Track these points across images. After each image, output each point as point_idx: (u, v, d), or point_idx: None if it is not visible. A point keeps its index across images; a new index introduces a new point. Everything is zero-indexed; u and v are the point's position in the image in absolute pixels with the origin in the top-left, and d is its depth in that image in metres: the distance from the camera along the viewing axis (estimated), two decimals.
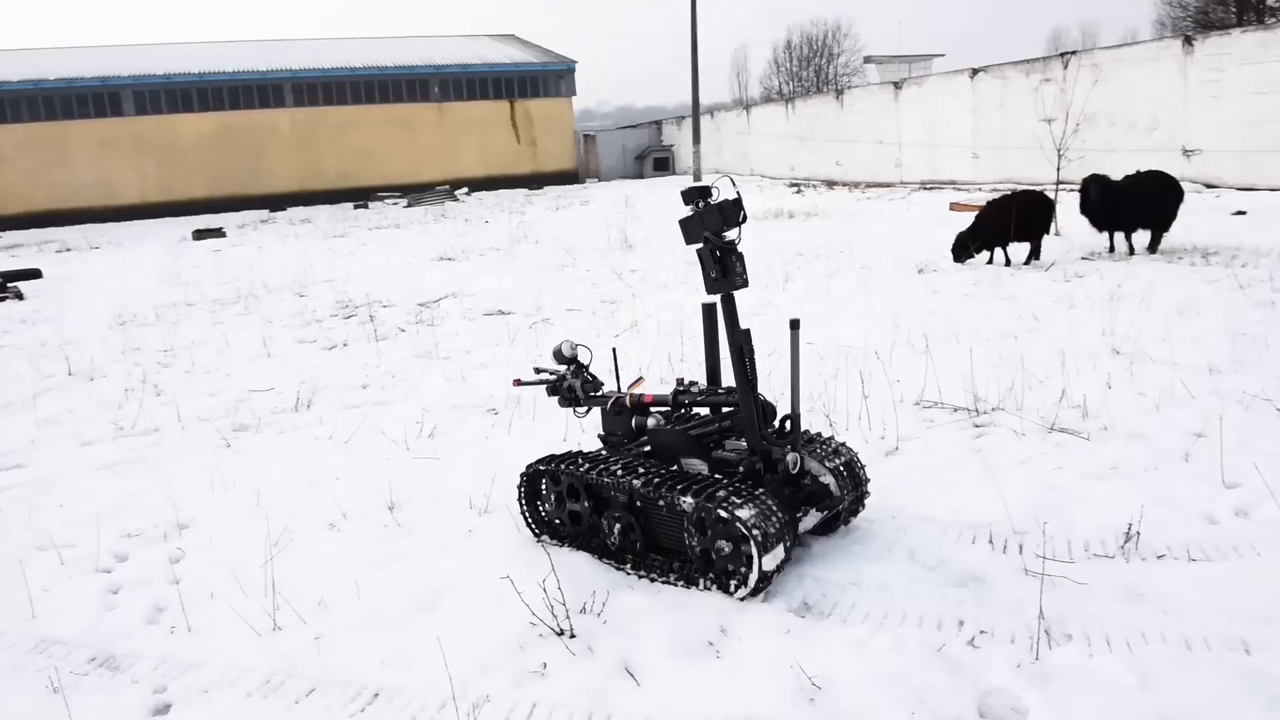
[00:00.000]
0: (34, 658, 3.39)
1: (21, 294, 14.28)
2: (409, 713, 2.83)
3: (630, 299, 9.56)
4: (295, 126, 41.87)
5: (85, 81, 39.13)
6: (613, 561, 3.67)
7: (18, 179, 38.46)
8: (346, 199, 39.29)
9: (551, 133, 45.89)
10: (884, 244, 12.67)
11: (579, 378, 4.15)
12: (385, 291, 11.59)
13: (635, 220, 19.28)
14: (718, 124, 39.43)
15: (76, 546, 4.27)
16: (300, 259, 16.47)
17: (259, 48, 46.37)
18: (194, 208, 39.30)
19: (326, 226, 25.22)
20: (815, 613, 3.25)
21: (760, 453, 3.54)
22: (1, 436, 6.22)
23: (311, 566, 3.85)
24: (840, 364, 6.22)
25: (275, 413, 6.32)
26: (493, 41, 51.14)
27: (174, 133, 40.32)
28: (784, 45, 61.55)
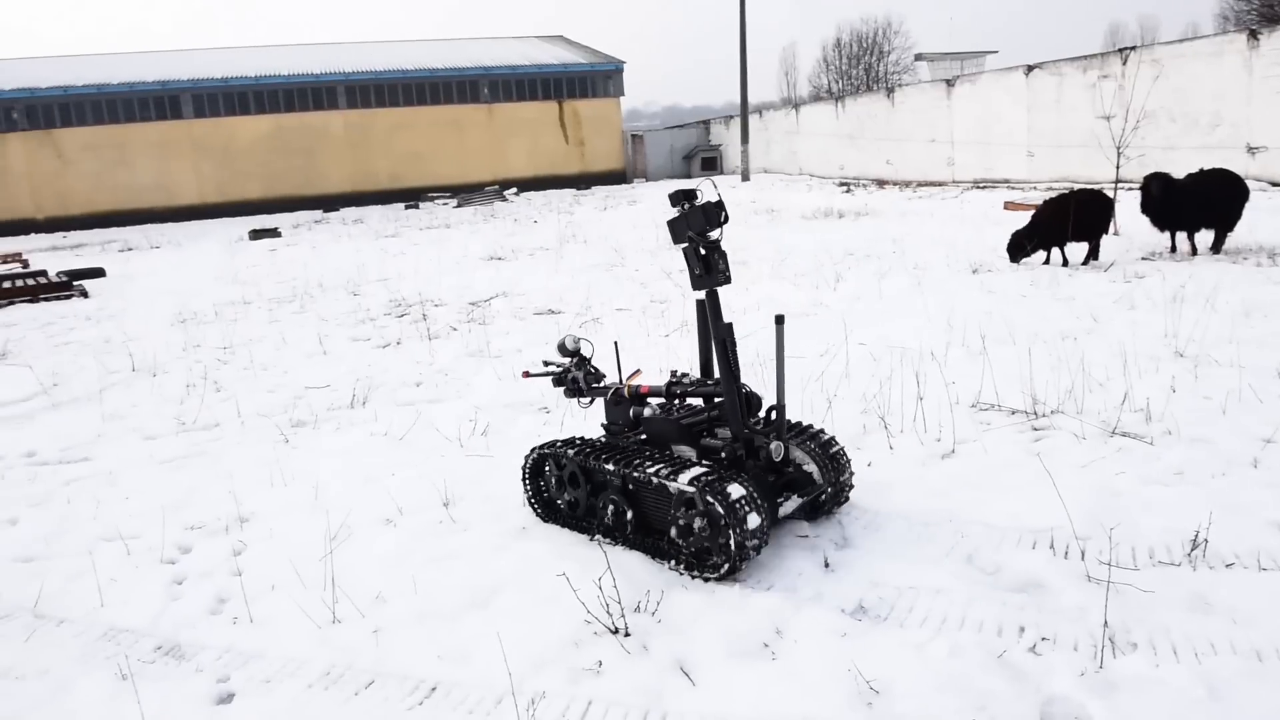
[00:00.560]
0: (103, 645, 3.48)
1: (86, 292, 14.70)
2: (466, 707, 2.86)
3: (680, 299, 9.55)
4: (348, 128, 42.55)
5: (146, 86, 40.18)
6: (609, 540, 3.87)
7: (82, 181, 39.63)
8: (397, 199, 39.83)
9: (599, 133, 46.04)
10: (936, 244, 12.50)
11: (582, 370, 4.39)
12: (437, 290, 11.72)
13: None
14: (766, 123, 39.22)
15: (142, 538, 4.39)
16: (353, 258, 16.72)
17: (313, 51, 47.21)
18: (250, 208, 40.15)
19: (378, 226, 25.59)
20: (872, 616, 3.21)
21: (743, 440, 3.73)
22: (69, 430, 6.41)
23: (369, 561, 3.91)
24: (894, 365, 6.15)
25: (331, 409, 6.42)
26: (541, 43, 51.46)
27: (231, 135, 41.22)
28: (833, 43, 61.14)
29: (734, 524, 3.35)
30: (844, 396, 5.64)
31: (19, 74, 41.03)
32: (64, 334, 10.74)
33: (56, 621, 3.68)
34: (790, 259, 12.00)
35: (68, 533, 4.55)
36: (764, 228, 16.88)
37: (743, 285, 10.22)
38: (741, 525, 3.36)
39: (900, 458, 4.67)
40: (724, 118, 45.52)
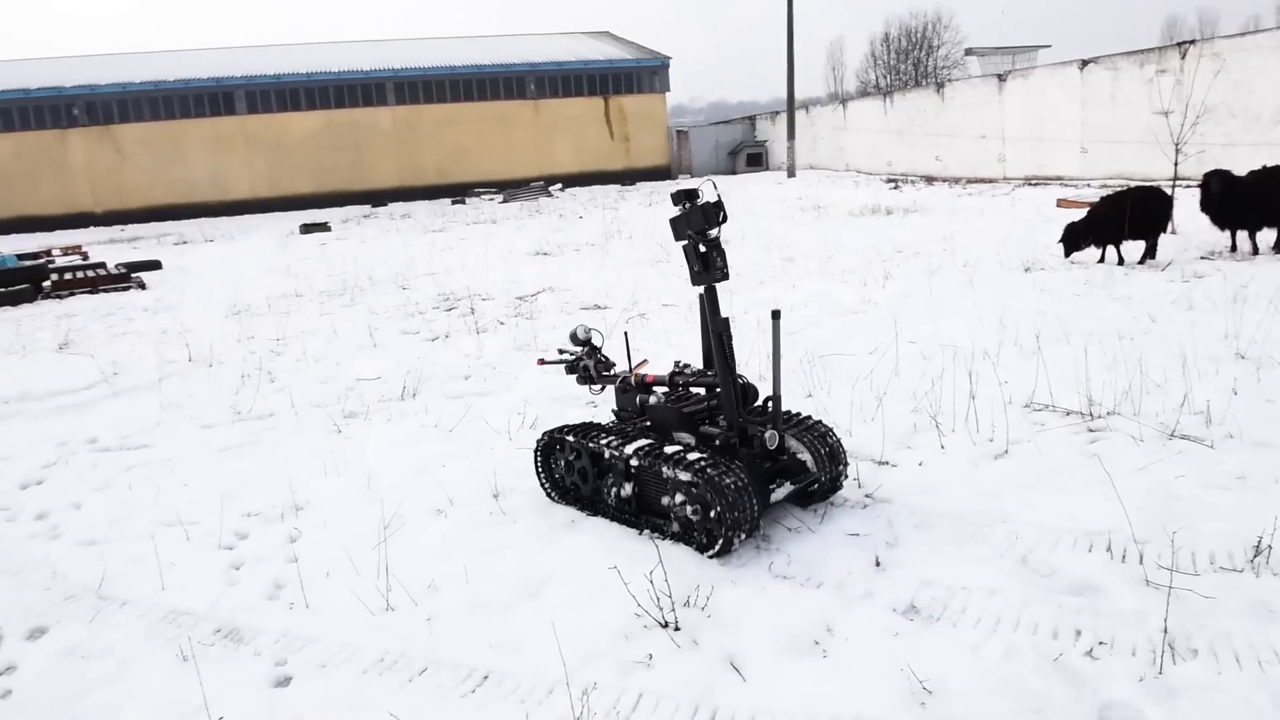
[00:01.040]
0: (164, 627, 3.58)
1: (144, 284, 15.06)
2: (518, 696, 2.89)
3: (726, 295, 9.52)
4: (396, 124, 43.02)
5: (201, 82, 40.99)
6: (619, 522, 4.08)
7: (139, 175, 40.58)
8: (444, 195, 40.19)
9: (645, 128, 46.02)
10: (987, 241, 12.31)
11: (593, 358, 4.61)
12: (484, 285, 11.82)
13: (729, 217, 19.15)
14: (813, 119, 38.92)
15: (200, 523, 4.49)
16: (402, 253, 16.92)
17: (363, 48, 47.80)
18: (300, 203, 40.80)
19: (426, 221, 25.86)
20: (924, 616, 3.19)
21: (737, 429, 3.88)
22: (129, 418, 6.58)
23: (421, 550, 3.96)
24: (945, 364, 6.08)
25: (382, 401, 6.52)
26: (588, 38, 51.56)
27: (282, 130, 41.91)
28: (881, 38, 60.46)
29: (724, 507, 3.51)
30: (894, 395, 5.59)
31: (79, 72, 42.14)
32: (123, 324, 11.02)
33: (120, 603, 3.79)
34: (838, 255, 11.90)
35: (129, 517, 4.68)
36: (811, 224, 16.76)
37: (790, 282, 10.17)
38: (731, 509, 3.51)
39: (952, 457, 4.62)
40: (770, 113, 45.25)
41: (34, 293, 14.15)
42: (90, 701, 3.09)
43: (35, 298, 14.11)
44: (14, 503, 5.05)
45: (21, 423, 6.72)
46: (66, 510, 4.88)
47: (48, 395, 7.44)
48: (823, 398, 5.68)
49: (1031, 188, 22.01)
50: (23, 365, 8.77)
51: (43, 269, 15.13)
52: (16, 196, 39.41)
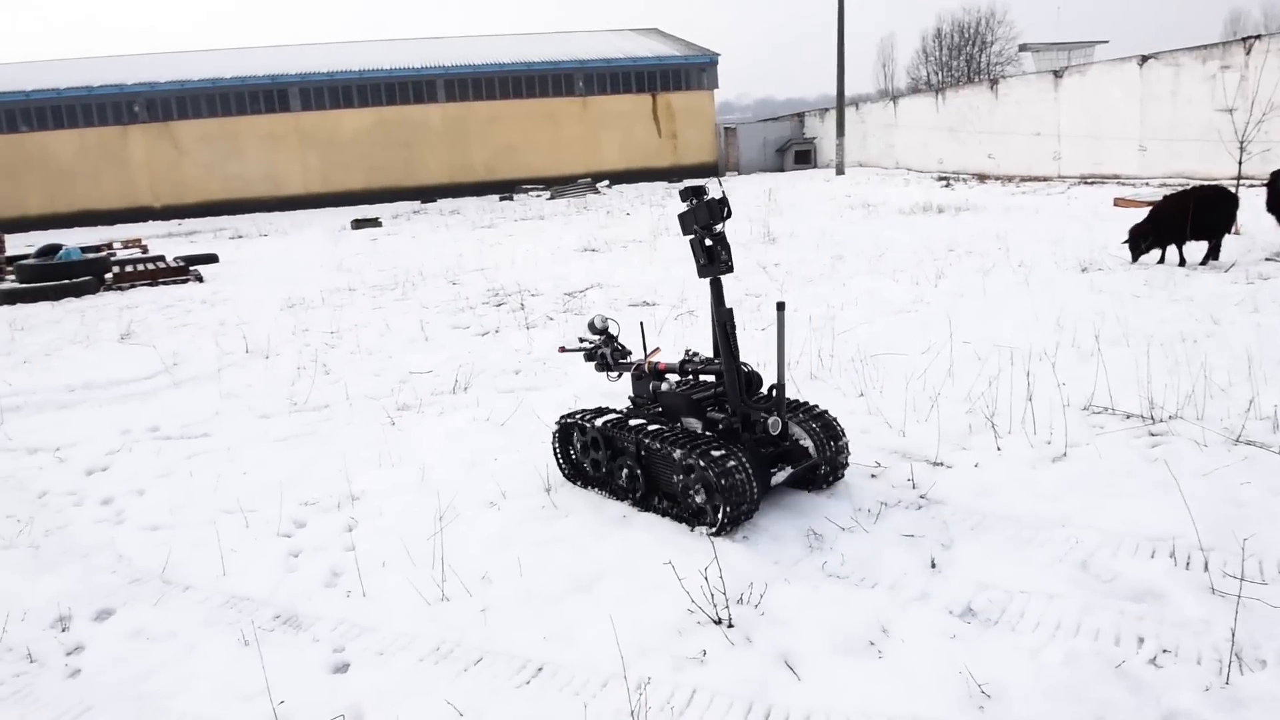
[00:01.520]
0: (225, 612, 3.66)
1: (201, 277, 15.41)
2: (572, 688, 2.91)
3: (776, 293, 9.48)
4: (446, 121, 43.46)
5: (257, 80, 41.79)
6: (627, 501, 4.29)
7: (197, 171, 41.51)
8: (492, 191, 40.55)
9: (692, 125, 45.93)
10: (1042, 240, 12.09)
11: (609, 347, 4.84)
12: (533, 281, 11.89)
13: (777, 214, 19.06)
14: (862, 116, 38.52)
15: (259, 511, 4.58)
16: (451, 248, 17.10)
17: (414, 45, 48.36)
18: (352, 198, 41.44)
19: (475, 217, 26.09)
20: (982, 619, 3.14)
21: (740, 415, 4.03)
22: (190, 407, 6.73)
23: (475, 542, 4.00)
24: (1001, 365, 5.99)
25: (435, 394, 6.59)
26: (636, 35, 51.58)
27: (335, 127, 42.56)
28: (933, 34, 59.63)
29: (724, 488, 3.69)
30: (948, 395, 5.51)
31: (140, 69, 43.21)
32: (182, 316, 11.29)
33: (182, 587, 3.88)
34: (889, 254, 11.77)
35: (191, 504, 4.79)
36: (860, 222, 16.60)
37: (840, 280, 10.09)
38: (731, 490, 3.70)
39: (1008, 459, 4.55)
40: (819, 110, 44.90)
41: (97, 285, 14.56)
42: (156, 682, 3.17)
43: (98, 289, 14.51)
44: (81, 488, 5.20)
45: (87, 410, 6.92)
46: (131, 496, 5.01)
47: (111, 384, 7.64)
48: (875, 397, 5.62)
49: (1087, 186, 21.57)
50: (87, 355, 9.04)
51: (105, 262, 15.56)
52: (79, 191, 40.55)
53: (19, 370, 8.52)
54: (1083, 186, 21.62)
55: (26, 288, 14.00)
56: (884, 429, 5.08)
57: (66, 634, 3.56)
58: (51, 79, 41.47)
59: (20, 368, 8.65)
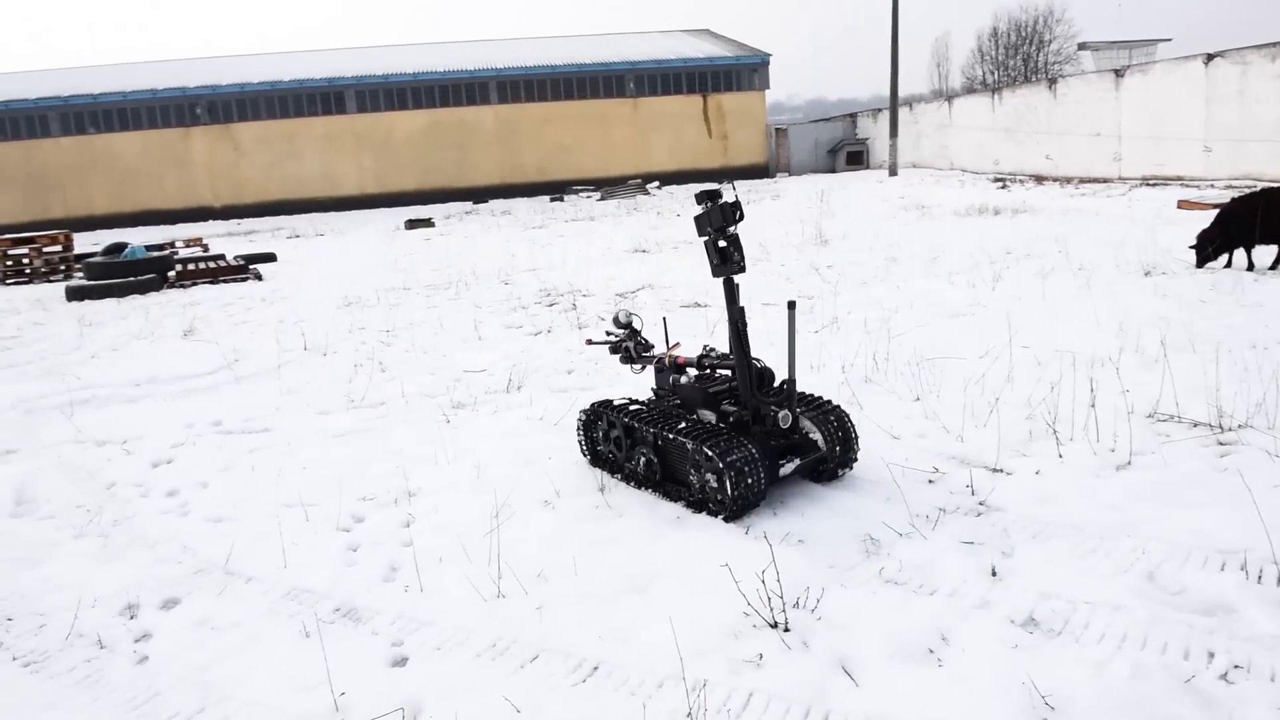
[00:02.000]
0: (287, 603, 3.73)
1: (260, 275, 15.74)
2: (628, 688, 2.91)
3: (829, 295, 9.40)
4: (498, 122, 43.86)
5: (314, 82, 42.58)
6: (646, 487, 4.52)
7: (256, 171, 42.43)
8: (543, 192, 40.83)
9: (743, 126, 45.77)
10: (1103, 243, 11.83)
11: (633, 341, 5.04)
12: (584, 281, 11.94)
13: (830, 216, 18.91)
14: (916, 116, 38.05)
15: (319, 505, 4.67)
16: (503, 248, 17.25)
17: (467, 48, 48.89)
18: (405, 199, 42.04)
19: (526, 218, 26.28)
20: (1044, 629, 3.08)
21: (750, 408, 4.20)
22: (250, 402, 6.88)
23: (530, 540, 4.03)
24: (1063, 370, 5.87)
25: (489, 393, 6.65)
26: (687, 36, 51.55)
27: (390, 129, 43.20)
28: (989, 33, 58.67)
29: (733, 478, 3.88)
30: (1008, 401, 5.42)
31: (202, 73, 44.30)
32: (242, 313, 11.54)
33: (245, 579, 3.97)
34: (944, 256, 11.61)
35: (252, 497, 4.89)
36: (914, 224, 16.40)
37: (894, 283, 9.98)
38: (739, 479, 3.88)
39: (1070, 467, 4.45)
40: (871, 110, 44.45)
41: (160, 282, 14.95)
42: (220, 671, 3.24)
43: (161, 287, 14.90)
44: (147, 479, 5.34)
45: (152, 404, 7.10)
46: (195, 488, 5.13)
47: (175, 379, 7.84)
48: (931, 401, 5.55)
49: (1149, 188, 21.06)
50: (152, 350, 9.28)
51: (168, 260, 15.96)
52: (143, 191, 41.69)
53: (87, 364, 8.78)
54: (1144, 188, 21.11)
55: (94, 284, 14.43)
56: (941, 434, 5.01)
57: (134, 621, 3.66)
58: (118, 82, 42.70)
59: (89, 362, 8.92)
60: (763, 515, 4.10)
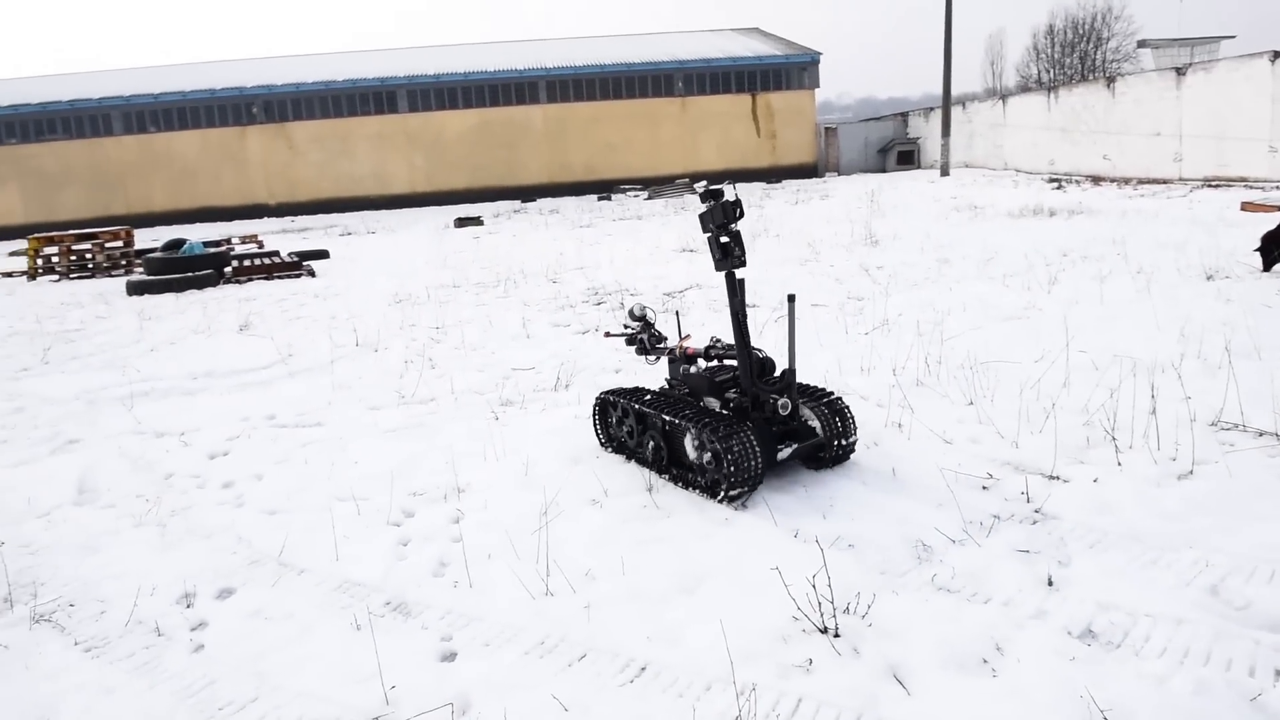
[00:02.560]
0: (338, 596, 3.78)
1: (314, 272, 15.99)
2: (676, 689, 2.90)
3: (879, 296, 9.29)
4: (547, 122, 44.08)
5: (367, 82, 43.18)
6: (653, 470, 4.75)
7: (310, 170, 43.16)
8: (590, 191, 40.94)
9: (792, 125, 45.46)
10: (1163, 246, 11.53)
11: (647, 333, 5.29)
12: (632, 280, 11.94)
13: (880, 216, 18.70)
14: (969, 115, 37.47)
15: (370, 500, 4.73)
16: (551, 247, 17.32)
17: (517, 48, 49.21)
18: (454, 197, 42.45)
19: (573, 217, 26.37)
20: (1103, 641, 3.01)
21: (750, 396, 4.41)
22: (304, 397, 6.99)
23: (578, 539, 4.03)
24: (1122, 376, 5.73)
25: (537, 390, 6.68)
26: (736, 35, 51.33)
27: (440, 128, 43.65)
28: (1045, 30, 57.53)
29: (730, 461, 4.08)
30: (1064, 406, 5.30)
31: (259, 73, 45.16)
32: (296, 309, 11.74)
33: (298, 570, 4.03)
34: (998, 258, 11.41)
35: (305, 490, 4.97)
36: (967, 225, 16.14)
37: (946, 285, 9.83)
38: (736, 462, 4.08)
39: (1130, 475, 4.34)
40: (923, 109, 43.86)
41: (217, 278, 15.27)
42: (273, 661, 3.30)
43: (218, 282, 15.22)
44: (204, 471, 5.46)
45: (209, 398, 7.25)
46: (250, 481, 5.23)
47: (231, 373, 8.00)
48: (985, 406, 5.45)
49: (1211, 189, 20.49)
50: (209, 344, 9.48)
51: (225, 256, 16.28)
52: (201, 188, 42.64)
53: (147, 358, 9.00)
54: (1206, 190, 20.55)
55: (154, 279, 14.78)
56: (995, 439, 4.92)
57: (191, 610, 3.74)
58: (178, 82, 43.71)
59: (148, 355, 9.14)
60: (811, 518, 4.06)
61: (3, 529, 4.69)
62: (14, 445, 6.27)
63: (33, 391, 7.83)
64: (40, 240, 19.77)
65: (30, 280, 19.10)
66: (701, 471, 4.37)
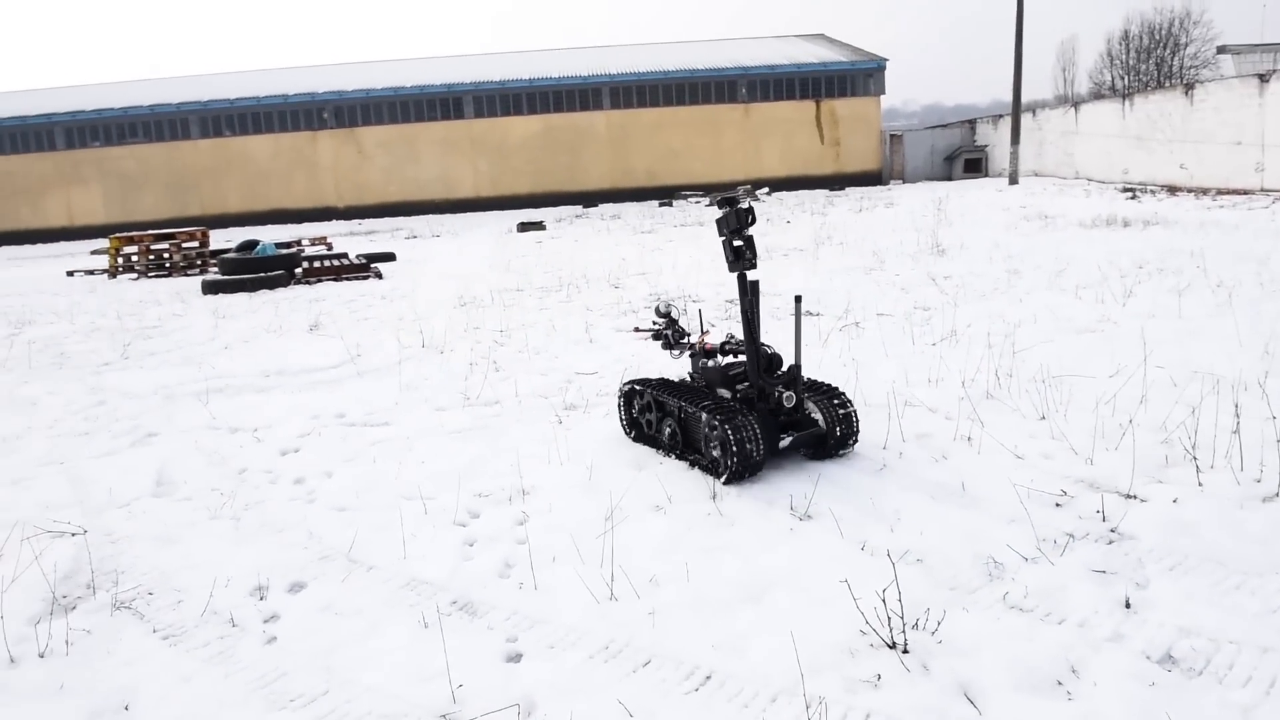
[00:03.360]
0: (406, 594, 3.83)
1: (381, 274, 16.30)
2: (741, 700, 2.88)
3: (947, 306, 9.13)
4: (610, 128, 44.36)
5: (434, 88, 43.94)
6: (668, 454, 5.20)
7: (378, 174, 44.06)
8: (652, 197, 41.04)
9: (856, 132, 45.04)
10: (1244, 259, 11.13)
11: (671, 329, 5.66)
12: (694, 286, 11.94)
13: (947, 225, 18.40)
14: (1040, 123, 36.69)
15: (437, 500, 4.79)
16: (613, 252, 17.40)
17: (581, 54, 49.60)
18: (517, 202, 42.94)
19: (635, 222, 26.46)
20: (1184, 668, 2.91)
21: (756, 388, 4.81)
22: (372, 396, 7.12)
23: (642, 544, 4.03)
24: (1203, 393, 5.54)
25: (600, 395, 6.71)
26: (801, 41, 51.04)
27: (505, 134, 44.21)
28: (1120, 36, 56.09)
29: (734, 445, 4.46)
30: (1141, 423, 5.14)
31: (330, 79, 46.26)
32: (364, 310, 11.97)
33: (366, 567, 4.10)
34: (1070, 269, 11.13)
35: (374, 488, 5.05)
36: (1037, 235, 15.79)
37: (1016, 296, 9.63)
38: (740, 446, 4.47)
39: (1211, 496, 4.20)
40: (991, 117, 43.07)
41: (288, 278, 15.66)
42: (343, 655, 3.36)
43: (289, 283, 15.60)
44: (275, 467, 5.59)
45: (281, 395, 7.43)
46: (320, 478, 5.33)
47: (302, 371, 8.19)
48: (1058, 421, 5.32)
49: None
50: (280, 343, 9.72)
51: (295, 257, 16.69)
52: (274, 191, 43.82)
53: (221, 355, 9.27)
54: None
55: (228, 279, 15.22)
56: (1069, 455, 4.80)
57: (264, 603, 3.82)
58: (253, 88, 44.98)
59: (223, 353, 9.40)
60: (878, 530, 4.01)
61: (86, 518, 4.86)
62: (96, 437, 6.49)
63: (114, 386, 8.11)
64: (121, 240, 20.50)
65: (111, 278, 19.82)
66: (708, 454, 4.78)
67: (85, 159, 43.64)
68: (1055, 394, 5.80)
